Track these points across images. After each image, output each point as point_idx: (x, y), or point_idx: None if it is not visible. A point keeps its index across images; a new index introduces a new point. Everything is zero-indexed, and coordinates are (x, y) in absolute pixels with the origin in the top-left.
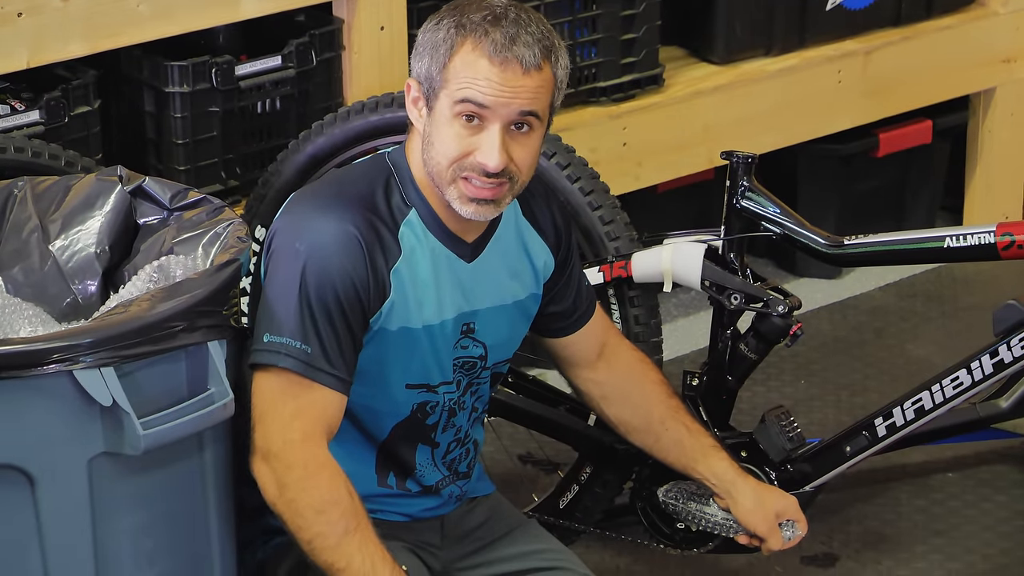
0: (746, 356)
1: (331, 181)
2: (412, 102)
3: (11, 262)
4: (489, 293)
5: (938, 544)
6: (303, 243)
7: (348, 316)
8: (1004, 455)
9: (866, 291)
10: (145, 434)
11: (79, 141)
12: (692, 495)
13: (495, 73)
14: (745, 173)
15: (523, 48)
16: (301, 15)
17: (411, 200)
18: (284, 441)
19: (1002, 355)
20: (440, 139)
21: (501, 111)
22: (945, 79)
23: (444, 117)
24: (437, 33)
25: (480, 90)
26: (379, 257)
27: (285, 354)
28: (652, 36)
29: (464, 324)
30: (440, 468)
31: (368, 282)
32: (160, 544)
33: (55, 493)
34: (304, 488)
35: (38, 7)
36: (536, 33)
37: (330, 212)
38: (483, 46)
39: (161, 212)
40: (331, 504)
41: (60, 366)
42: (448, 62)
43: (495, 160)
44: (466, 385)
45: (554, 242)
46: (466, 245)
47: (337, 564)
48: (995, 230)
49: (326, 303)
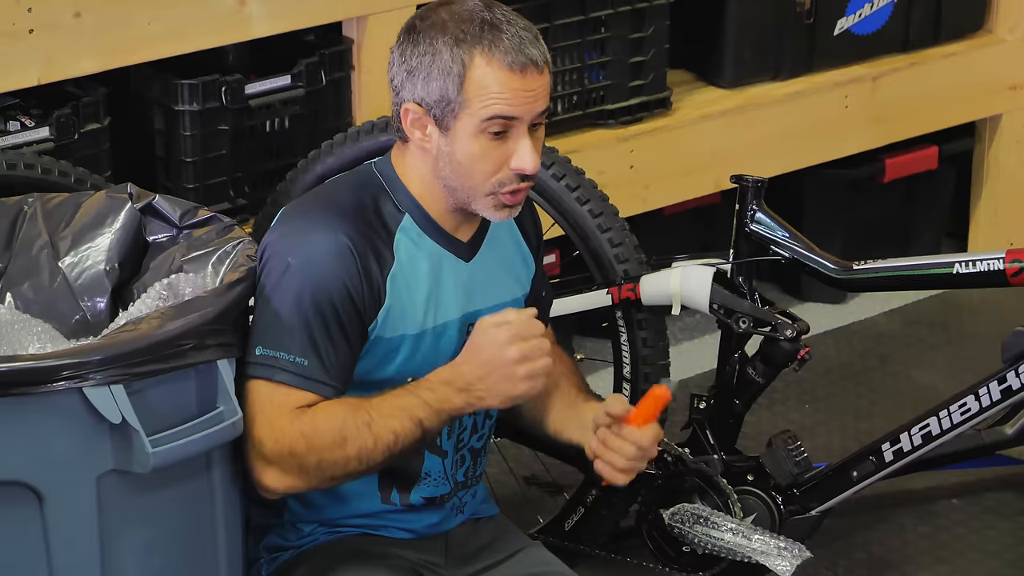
0: (754, 380)
1: (319, 194)
2: (411, 123)
3: (21, 279)
4: (489, 292)
5: (943, 572)
6: (295, 256)
7: (345, 325)
8: (1008, 482)
9: (871, 316)
10: (154, 452)
11: (89, 158)
12: (699, 518)
13: (517, 81)
14: (755, 197)
15: (532, 49)
16: (311, 35)
17: (404, 206)
18: (277, 439)
19: (1010, 382)
20: (468, 156)
21: (527, 116)
22: (952, 105)
23: (467, 135)
24: (439, 56)
25: (508, 103)
26: (373, 265)
27: (280, 368)
28: (660, 60)
29: (469, 324)
30: (448, 478)
31: (363, 290)
32: (168, 562)
33: (63, 510)
34: (314, 445)
35: (49, 24)
36: (527, 27)
37: (321, 224)
38: (497, 58)
39: (171, 230)
40: (337, 429)
41: (69, 383)
42: (464, 82)
43: (533, 164)
44: None
45: (534, 241)
46: (463, 244)
47: (388, 448)
48: (1005, 256)
49: (322, 314)
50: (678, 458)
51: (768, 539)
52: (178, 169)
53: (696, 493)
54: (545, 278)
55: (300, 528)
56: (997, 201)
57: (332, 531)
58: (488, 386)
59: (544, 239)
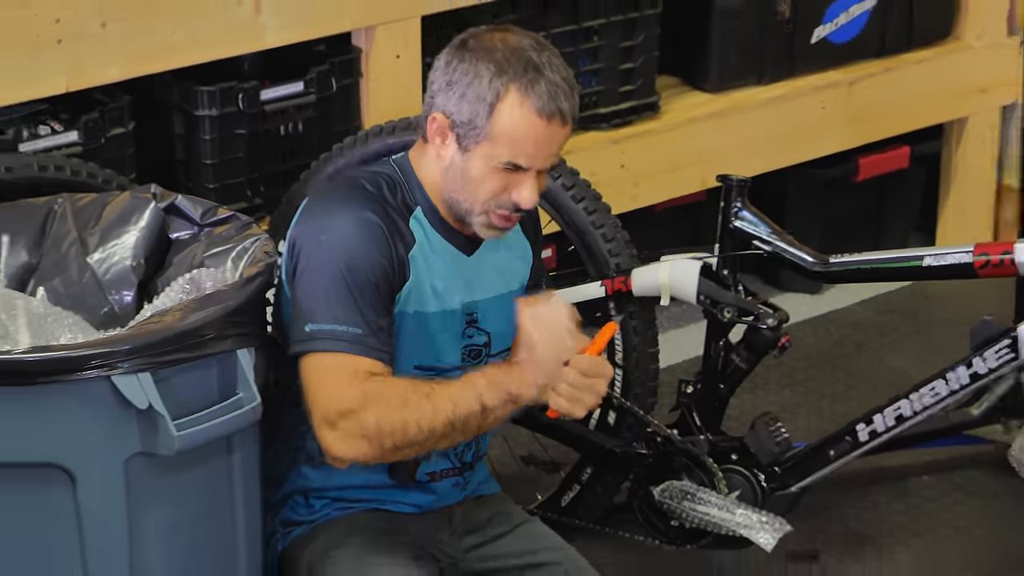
0: (737, 366)
1: (340, 182)
2: (435, 131)
3: (52, 274)
4: (489, 284)
5: (915, 544)
6: (325, 234)
7: (382, 294)
8: (976, 460)
9: (846, 306)
10: (179, 435)
11: (115, 160)
12: (686, 494)
13: (542, 130)
14: (739, 195)
15: (564, 101)
16: (322, 44)
17: (416, 200)
18: (342, 398)
19: (976, 367)
20: (477, 180)
21: (540, 165)
22: (922, 108)
23: (482, 161)
24: (478, 80)
25: (528, 155)
26: (398, 241)
27: (334, 339)
28: (649, 66)
29: (468, 313)
30: (451, 456)
31: (393, 261)
32: (191, 537)
33: (94, 490)
34: (372, 404)
35: (77, 34)
36: (568, 78)
37: (345, 204)
38: (531, 101)
39: (192, 228)
40: (398, 395)
41: (99, 371)
42: (494, 113)
43: (531, 202)
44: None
45: (532, 235)
46: (466, 240)
47: (448, 423)
48: (973, 250)
49: (361, 283)
50: (667, 439)
51: (751, 514)
52: (198, 170)
53: (684, 471)
54: (543, 270)
55: (313, 504)
56: (964, 199)
57: (343, 507)
58: (543, 374)
59: (543, 235)
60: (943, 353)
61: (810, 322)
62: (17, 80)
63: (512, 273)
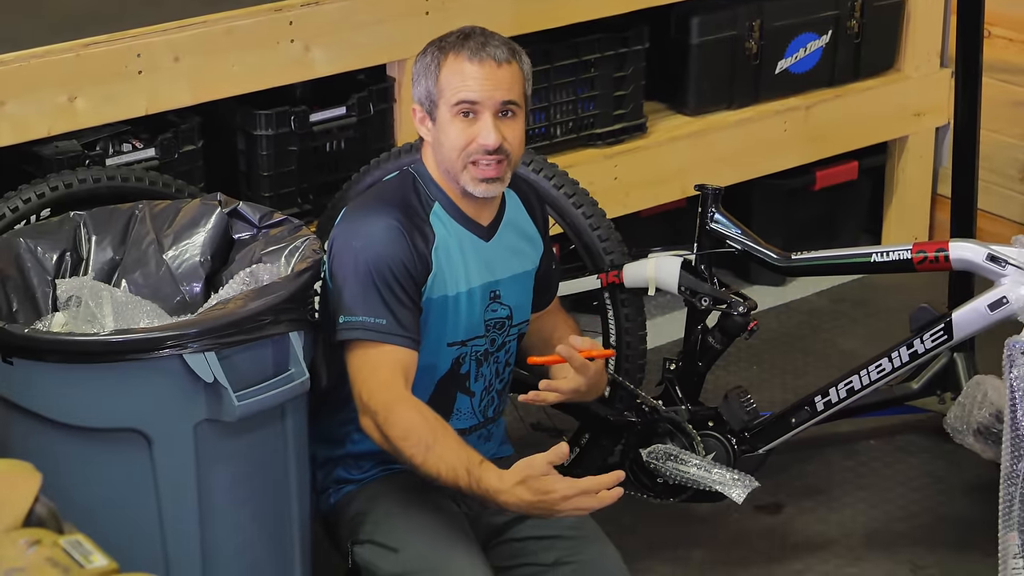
0: (713, 347)
1: (371, 194)
2: (419, 122)
3: (133, 268)
4: (507, 265)
5: (863, 496)
6: (358, 240)
7: (406, 289)
8: (915, 426)
9: (805, 296)
10: (240, 404)
11: (186, 173)
12: (670, 456)
13: (476, 70)
14: (714, 202)
15: (493, 48)
16: (361, 74)
17: (434, 196)
18: (371, 396)
19: (916, 347)
20: (447, 137)
21: (488, 102)
22: (869, 129)
23: (446, 120)
24: (424, 59)
25: (469, 88)
26: (420, 241)
27: (363, 329)
28: (638, 93)
29: (491, 291)
30: (476, 414)
31: (414, 260)
32: (250, 491)
33: (168, 451)
34: (389, 423)
35: (154, 67)
36: (500, 40)
37: (375, 214)
38: (462, 54)
39: (252, 230)
40: (409, 431)
41: (172, 351)
42: (438, 77)
43: (492, 139)
44: (500, 344)
45: (542, 225)
46: (482, 227)
47: (432, 475)
48: (911, 248)
49: (387, 281)
50: (653, 408)
51: (725, 472)
52: (257, 181)
53: (668, 436)
54: (553, 256)
55: (361, 464)
56: (905, 205)
57: (386, 468)
58: (524, 509)
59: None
60: (887, 336)
61: (775, 309)
62: (105, 104)
63: (526, 255)
